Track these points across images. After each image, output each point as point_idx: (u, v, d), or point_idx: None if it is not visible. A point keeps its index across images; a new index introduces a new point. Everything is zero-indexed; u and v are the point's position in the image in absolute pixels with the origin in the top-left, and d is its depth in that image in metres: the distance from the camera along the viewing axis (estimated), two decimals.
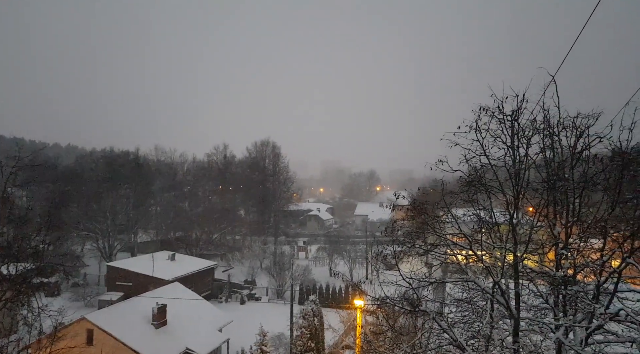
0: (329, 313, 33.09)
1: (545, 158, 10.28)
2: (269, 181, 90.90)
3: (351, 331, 31.86)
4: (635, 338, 8.89)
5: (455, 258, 11.88)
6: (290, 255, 64.18)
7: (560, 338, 9.19)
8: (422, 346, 12.77)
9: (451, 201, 11.71)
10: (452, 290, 15.00)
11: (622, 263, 8.73)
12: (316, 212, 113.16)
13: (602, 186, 9.53)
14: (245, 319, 38.78)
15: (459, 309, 12.91)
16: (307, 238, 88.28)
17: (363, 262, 62.34)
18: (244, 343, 32.67)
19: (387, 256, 13.53)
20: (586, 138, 9.68)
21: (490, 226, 11.41)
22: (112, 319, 28.53)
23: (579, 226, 10.09)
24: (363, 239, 69.17)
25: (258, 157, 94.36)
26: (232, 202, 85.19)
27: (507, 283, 10.53)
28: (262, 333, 27.19)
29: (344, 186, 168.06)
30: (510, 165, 10.52)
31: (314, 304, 29.71)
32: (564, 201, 10.10)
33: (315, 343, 27.73)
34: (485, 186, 11.00)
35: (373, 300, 13.83)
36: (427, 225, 11.78)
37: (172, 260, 51.00)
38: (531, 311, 11.20)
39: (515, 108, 10.16)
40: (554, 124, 9.99)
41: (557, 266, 10.05)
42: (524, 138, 10.22)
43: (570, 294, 9.69)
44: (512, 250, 10.35)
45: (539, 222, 10.86)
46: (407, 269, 12.61)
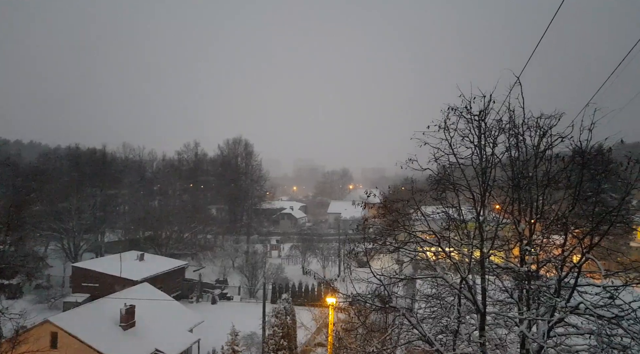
0: (301, 311, 33.11)
1: (511, 157, 10.60)
2: (241, 180, 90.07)
3: (324, 328, 31.99)
4: (593, 330, 9.27)
5: (424, 255, 12.09)
6: (263, 253, 63.89)
7: (524, 331, 9.51)
8: (393, 342, 12.96)
9: (421, 199, 11.91)
10: (421, 286, 15.27)
11: (582, 258, 9.09)
12: (289, 211, 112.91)
13: (564, 184, 9.89)
14: (216, 319, 38.39)
15: (428, 305, 13.17)
16: (280, 236, 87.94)
17: (336, 260, 62.64)
18: (215, 343, 32.34)
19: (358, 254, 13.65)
20: (549, 138, 10.04)
21: (458, 224, 11.67)
22: (78, 322, 27.72)
23: (542, 223, 10.45)
24: (336, 237, 69.49)
25: (230, 155, 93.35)
26: (204, 201, 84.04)
27: (474, 278, 10.81)
28: (234, 332, 26.96)
29: (317, 184, 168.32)
30: (477, 164, 10.79)
31: (287, 302, 29.68)
32: (528, 199, 10.44)
33: (287, 341, 27.71)
34: (453, 184, 11.25)
35: (345, 297, 13.94)
36: (398, 223, 11.94)
37: (140, 260, 49.95)
38: (497, 306, 11.53)
39: (483, 109, 10.43)
40: (519, 124, 10.30)
41: (521, 261, 10.38)
42: (491, 137, 10.50)
43: (533, 289, 10.03)
44: (479, 246, 10.63)
45: (505, 219, 11.19)
46: (378, 266, 12.77)
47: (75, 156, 77.27)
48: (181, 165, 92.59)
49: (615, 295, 9.19)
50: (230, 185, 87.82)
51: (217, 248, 71.13)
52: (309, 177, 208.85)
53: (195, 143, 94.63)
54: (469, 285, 10.45)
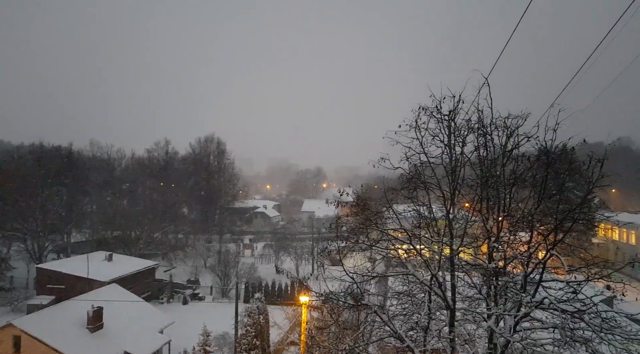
0: (274, 311, 32.97)
1: (479, 156, 10.83)
2: (213, 178, 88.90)
3: (297, 327, 31.97)
4: (557, 324, 9.59)
5: (396, 253, 12.24)
6: (236, 253, 63.28)
7: (492, 326, 9.75)
8: (365, 339, 13.06)
9: (392, 198, 12.04)
10: (393, 283, 15.43)
11: (546, 254, 9.38)
12: (263, 209, 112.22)
13: (530, 183, 10.19)
14: (188, 320, 37.85)
15: (399, 302, 13.32)
16: (254, 235, 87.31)
17: (309, 258, 62.64)
18: (187, 343, 31.86)
19: (331, 252, 13.69)
20: (516, 137, 10.32)
21: (429, 222, 11.86)
22: (43, 325, 26.80)
23: (509, 221, 10.73)
24: (309, 235, 69.51)
25: (202, 153, 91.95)
26: (175, 200, 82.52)
27: (444, 275, 11.01)
28: (205, 332, 26.63)
29: (291, 183, 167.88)
30: (447, 163, 10.99)
31: (260, 302, 29.50)
32: (496, 197, 10.69)
33: (260, 340, 27.55)
34: (424, 183, 11.42)
35: (318, 296, 13.96)
36: (370, 221, 12.03)
37: (109, 261, 48.71)
38: (466, 302, 11.77)
39: (452, 109, 10.62)
40: (487, 124, 10.54)
41: (489, 258, 10.63)
42: (460, 137, 10.72)
43: (500, 285, 10.29)
44: (449, 243, 10.83)
45: (474, 217, 11.44)
46: (351, 264, 12.84)
47: (39, 153, 74.59)
48: (151, 163, 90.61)
49: (577, 290, 9.52)
50: (202, 184, 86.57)
51: (188, 247, 70.08)
52: (283, 176, 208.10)
53: (165, 141, 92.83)
54: (439, 281, 10.63)
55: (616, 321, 9.50)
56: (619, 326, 9.43)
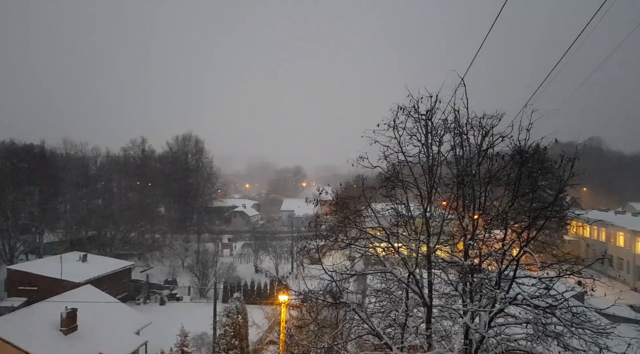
0: (253, 310, 32.85)
1: (456, 156, 11.02)
2: (191, 177, 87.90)
3: (276, 326, 31.91)
4: (530, 319, 9.84)
5: (374, 251, 12.34)
6: (214, 252, 62.74)
7: (467, 323, 9.93)
8: (344, 337, 13.13)
9: (371, 196, 12.14)
10: (371, 281, 15.57)
11: (520, 251, 9.60)
12: (242, 208, 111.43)
13: (504, 181, 10.42)
14: (165, 321, 37.34)
15: (378, 300, 13.43)
16: (232, 235, 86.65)
17: (289, 257, 62.57)
18: (164, 344, 31.43)
19: (310, 251, 13.71)
20: (491, 137, 10.53)
21: (407, 220, 12.01)
22: (14, 327, 26.05)
23: (484, 219, 10.95)
24: (289, 234, 69.40)
25: (179, 151, 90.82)
26: (152, 199, 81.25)
27: (421, 273, 11.16)
28: (183, 333, 26.34)
29: (270, 182, 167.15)
30: (424, 162, 11.15)
31: (238, 301, 29.35)
32: (472, 195, 10.89)
33: (239, 340, 27.42)
34: (402, 181, 11.56)
35: (297, 295, 13.97)
36: (349, 219, 12.10)
37: (83, 261, 47.66)
38: (442, 299, 11.95)
39: (429, 108, 10.77)
40: (463, 124, 10.73)
41: (465, 256, 10.83)
42: (437, 136, 10.88)
43: (476, 281, 10.49)
44: (426, 241, 10.99)
45: (450, 215, 11.63)
46: (330, 262, 12.90)
47: (9, 152, 72.41)
48: (127, 162, 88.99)
49: (550, 286, 9.78)
50: (180, 183, 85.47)
51: (165, 247, 69.06)
52: (262, 175, 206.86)
53: (142, 139, 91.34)
54: (416, 279, 10.77)
55: (586, 315, 9.80)
56: (589, 320, 9.73)
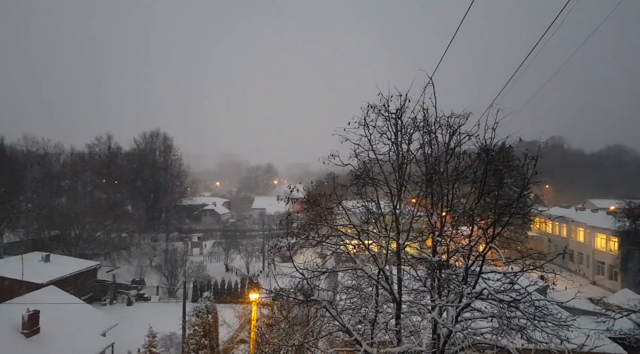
0: (224, 309, 32.51)
1: (424, 154, 11.22)
2: (160, 175, 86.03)
3: (247, 325, 31.70)
4: (495, 313, 10.13)
5: (345, 248, 12.42)
6: (184, 251, 61.71)
7: (435, 318, 10.13)
8: (314, 334, 13.17)
9: (342, 194, 12.20)
10: (342, 278, 15.66)
11: (486, 247, 9.86)
12: (212, 206, 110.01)
13: (471, 179, 10.67)
14: (133, 321, 36.57)
15: (348, 297, 13.54)
16: (202, 233, 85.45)
17: (260, 256, 62.21)
18: (132, 345, 30.74)
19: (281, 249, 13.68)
20: (458, 136, 10.76)
21: (377, 217, 12.13)
22: None
23: (451, 216, 11.19)
24: (260, 233, 69.03)
25: (147, 148, 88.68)
26: (118, 197, 79.12)
27: (391, 269, 11.30)
28: (151, 333, 25.83)
29: (241, 179, 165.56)
30: (394, 160, 11.29)
31: (208, 301, 28.98)
32: (440, 193, 11.11)
33: (209, 340, 27.09)
34: (372, 179, 11.67)
35: (268, 293, 13.91)
36: (320, 217, 12.13)
37: (46, 262, 46.00)
38: (412, 294, 12.16)
39: (399, 107, 10.92)
40: (432, 122, 10.93)
41: (433, 252, 11.04)
42: (406, 134, 11.04)
43: (444, 277, 10.71)
44: (395, 238, 11.13)
45: (419, 212, 11.83)
46: (302, 260, 12.89)
47: None
48: (93, 159, 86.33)
49: (514, 281, 10.09)
50: (148, 181, 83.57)
51: (133, 247, 67.46)
52: (233, 172, 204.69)
53: (108, 136, 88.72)
54: (386, 275, 10.90)
55: (548, 309, 10.17)
56: (551, 313, 10.11)
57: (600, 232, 53.12)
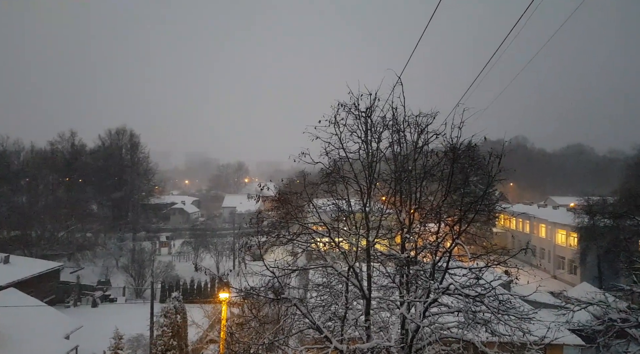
0: (193, 309, 32.03)
1: (394, 152, 11.39)
2: (126, 173, 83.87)
3: (216, 324, 31.38)
4: (461, 308, 10.40)
5: (316, 246, 12.47)
6: (151, 251, 60.50)
7: (404, 313, 10.32)
8: (285, 332, 13.17)
9: (313, 192, 12.24)
10: (313, 275, 15.71)
11: (452, 243, 10.11)
12: (181, 205, 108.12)
13: (438, 177, 10.92)
14: (98, 323, 35.60)
15: (319, 294, 13.61)
16: (171, 232, 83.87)
17: (231, 255, 61.67)
18: (97, 348, 29.95)
19: (251, 247, 13.60)
20: (426, 134, 10.98)
21: (347, 215, 12.24)
22: None
23: (419, 213, 11.41)
24: (231, 231, 68.38)
25: (113, 146, 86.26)
26: (82, 196, 76.66)
27: (361, 266, 11.43)
28: (117, 335, 25.18)
29: (211, 178, 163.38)
30: (364, 158, 11.42)
31: (177, 301, 28.50)
32: (408, 190, 11.31)
33: (177, 340, 26.66)
34: (342, 177, 11.76)
35: (238, 292, 13.82)
36: (291, 215, 12.13)
37: (5, 263, 44.18)
38: (381, 291, 12.33)
39: (369, 106, 11.03)
40: (401, 121, 11.10)
41: (402, 248, 11.24)
42: (376, 133, 11.18)
43: (412, 273, 10.92)
44: (365, 235, 11.26)
45: (388, 210, 12.01)
46: (273, 259, 12.86)
47: None
48: (55, 157, 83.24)
49: (479, 276, 10.39)
50: (114, 179, 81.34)
51: (98, 247, 65.52)
52: (203, 170, 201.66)
53: (71, 132, 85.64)
54: (355, 272, 11.02)
55: (511, 302, 10.53)
56: (514, 307, 10.47)
57: (560, 228, 55.19)
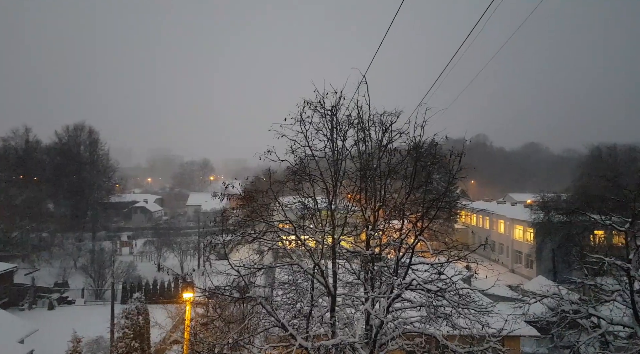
0: (156, 310, 31.36)
1: (359, 150, 11.53)
2: (85, 171, 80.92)
3: (180, 325, 30.84)
4: (424, 303, 10.66)
5: (282, 244, 12.46)
6: (112, 251, 58.75)
7: (368, 309, 10.48)
8: (250, 331, 13.11)
9: (279, 190, 12.21)
10: (279, 274, 15.70)
11: (415, 239, 10.35)
12: (143, 204, 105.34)
13: (402, 175, 11.14)
14: (55, 326, 34.26)
15: (285, 292, 13.61)
16: (133, 232, 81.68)
17: (195, 254, 60.67)
18: (54, 352, 28.83)
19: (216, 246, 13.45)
20: (390, 133, 11.17)
21: (313, 213, 12.29)
22: None
23: (384, 210, 11.61)
24: (195, 230, 67.24)
25: (71, 143, 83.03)
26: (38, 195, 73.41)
27: (326, 263, 11.52)
28: (76, 338, 24.35)
29: (175, 175, 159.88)
30: (330, 156, 11.49)
31: (139, 302, 27.82)
32: (373, 188, 11.49)
33: (140, 342, 26.04)
34: (308, 175, 11.80)
35: (202, 291, 13.65)
36: (257, 213, 12.07)
37: None
38: (346, 287, 12.47)
39: (335, 104, 11.12)
40: (366, 120, 11.25)
41: (367, 245, 11.40)
42: (342, 131, 11.28)
43: (376, 269, 11.11)
44: (331, 233, 11.35)
45: (354, 207, 12.15)
46: (238, 257, 12.76)
47: None
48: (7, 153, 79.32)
49: (441, 271, 10.68)
50: (72, 177, 78.32)
51: (55, 247, 63.01)
52: (166, 168, 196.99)
53: (25, 128, 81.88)
54: (321, 269, 11.09)
55: (471, 297, 10.90)
56: (473, 301, 10.84)
57: (518, 224, 57.33)
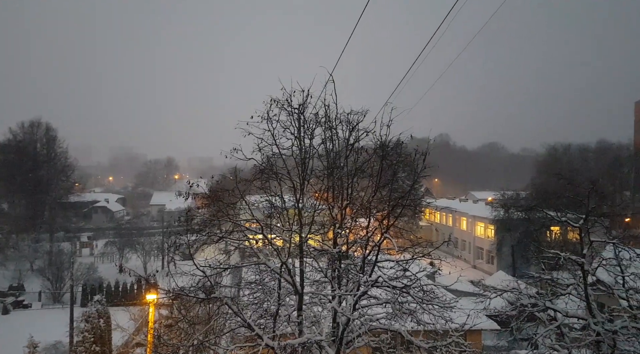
0: (118, 312, 30.51)
1: (326, 149, 11.57)
2: (42, 169, 77.54)
3: (144, 327, 30.09)
4: (389, 299, 10.83)
5: (249, 243, 12.35)
6: (71, 252, 56.64)
7: (335, 307, 10.55)
8: (216, 332, 12.95)
9: (245, 189, 12.09)
10: (246, 273, 15.57)
11: (381, 237, 10.49)
12: (104, 203, 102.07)
13: (368, 173, 11.26)
14: (10, 331, 32.91)
15: (252, 292, 13.50)
16: (93, 232, 79.05)
17: (159, 254, 59.34)
18: None
19: (181, 246, 13.19)
20: (357, 132, 11.27)
21: (280, 211, 12.24)
22: None
23: (351, 208, 11.71)
24: (159, 230, 65.70)
25: (26, 140, 79.44)
26: None
27: (294, 262, 11.50)
28: (32, 344, 23.37)
29: (138, 174, 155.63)
30: (297, 154, 11.48)
31: (100, 304, 26.97)
32: (340, 186, 11.56)
33: (101, 345, 25.24)
34: (276, 174, 11.74)
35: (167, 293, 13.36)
36: (223, 213, 11.90)
37: None
38: (314, 286, 12.49)
39: (302, 102, 11.10)
40: (333, 118, 11.31)
41: (334, 243, 11.46)
42: (309, 130, 11.28)
43: (343, 267, 11.19)
44: (298, 231, 11.35)
45: (321, 205, 12.18)
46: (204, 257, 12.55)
47: None
48: None
49: (406, 268, 10.88)
50: (28, 176, 74.92)
51: (9, 249, 60.18)
52: (128, 166, 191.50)
53: None
54: (288, 268, 11.06)
55: (435, 293, 11.14)
56: (437, 297, 11.08)
57: (479, 221, 59.04)
